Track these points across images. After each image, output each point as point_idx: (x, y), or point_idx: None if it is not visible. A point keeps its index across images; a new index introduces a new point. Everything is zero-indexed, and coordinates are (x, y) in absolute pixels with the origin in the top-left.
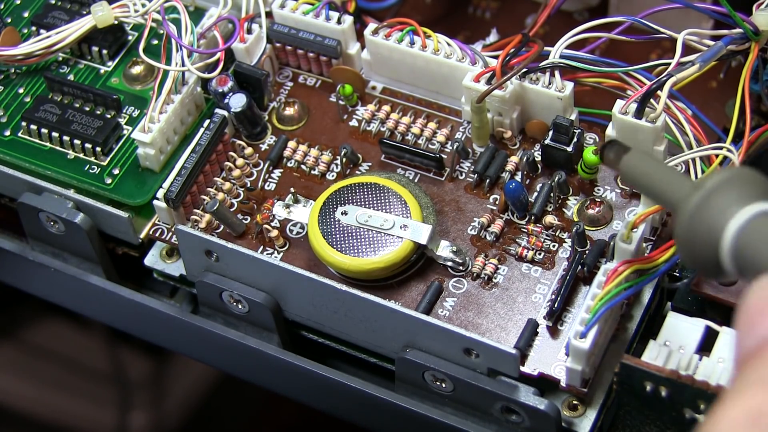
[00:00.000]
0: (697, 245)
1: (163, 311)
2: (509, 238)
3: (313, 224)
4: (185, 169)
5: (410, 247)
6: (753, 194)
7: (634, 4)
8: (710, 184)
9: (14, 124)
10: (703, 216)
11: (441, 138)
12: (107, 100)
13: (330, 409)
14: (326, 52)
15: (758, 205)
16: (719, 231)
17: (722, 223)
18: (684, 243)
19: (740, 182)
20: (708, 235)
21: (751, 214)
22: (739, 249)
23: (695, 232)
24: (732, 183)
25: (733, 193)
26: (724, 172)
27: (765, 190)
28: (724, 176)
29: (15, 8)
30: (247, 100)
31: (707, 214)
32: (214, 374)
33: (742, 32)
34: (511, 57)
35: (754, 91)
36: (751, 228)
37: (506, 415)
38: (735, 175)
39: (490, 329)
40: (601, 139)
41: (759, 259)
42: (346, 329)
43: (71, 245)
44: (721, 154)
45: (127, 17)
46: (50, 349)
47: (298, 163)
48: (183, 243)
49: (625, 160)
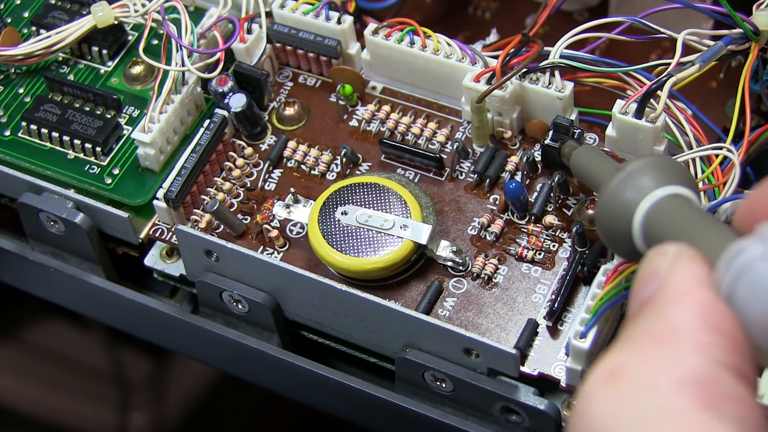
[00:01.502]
0: (614, 224)
1: (163, 311)
2: (509, 238)
3: (313, 224)
4: (185, 169)
5: (410, 247)
6: (667, 178)
7: (634, 4)
8: (630, 167)
9: (14, 124)
10: (620, 196)
11: (441, 138)
12: (107, 100)
13: (330, 409)
14: (326, 52)
15: (670, 188)
16: (631, 211)
17: (634, 204)
18: (602, 221)
19: (658, 167)
20: (623, 214)
21: (662, 195)
22: (648, 227)
23: (613, 211)
24: (650, 167)
25: (650, 176)
26: (645, 157)
27: (680, 176)
28: (645, 161)
29: (15, 8)
30: (247, 100)
31: (624, 195)
32: (214, 374)
33: (742, 32)
34: (511, 57)
35: (754, 91)
36: (659, 207)
37: (506, 415)
38: (654, 160)
39: (490, 329)
40: (601, 139)
41: (663, 235)
42: (346, 329)
43: (71, 245)
44: (721, 154)
45: (127, 17)
46: (50, 349)
47: (298, 163)
48: (183, 243)
49: (574, 153)
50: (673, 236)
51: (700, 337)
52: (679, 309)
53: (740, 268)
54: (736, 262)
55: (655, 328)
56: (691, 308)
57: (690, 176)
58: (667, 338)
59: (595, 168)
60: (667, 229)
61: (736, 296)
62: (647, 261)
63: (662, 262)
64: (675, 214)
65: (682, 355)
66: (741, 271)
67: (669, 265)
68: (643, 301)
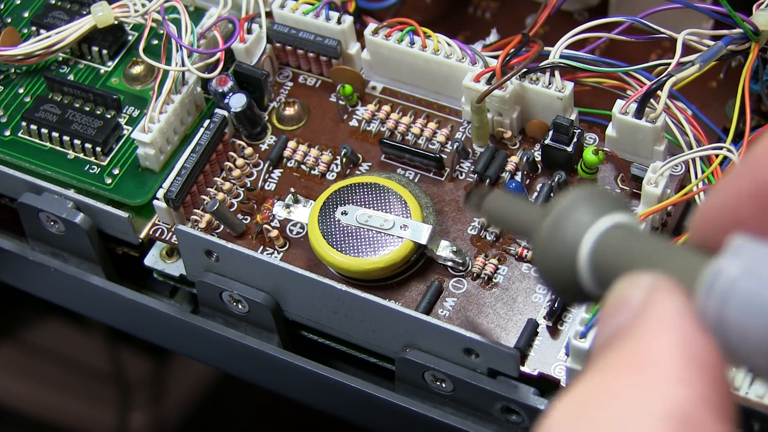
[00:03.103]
0: (556, 268)
1: (163, 311)
2: (509, 238)
3: (313, 224)
4: (185, 169)
5: (410, 247)
6: (602, 209)
7: (634, 4)
8: (558, 206)
9: (14, 124)
10: (556, 239)
11: (441, 138)
12: (107, 100)
13: (330, 409)
14: (326, 52)
15: (609, 218)
16: (574, 250)
17: (576, 241)
18: (543, 269)
19: (588, 199)
20: (564, 256)
21: (604, 227)
22: (597, 263)
23: (551, 257)
24: (580, 202)
25: (583, 211)
26: (571, 193)
27: (614, 203)
28: (571, 197)
29: (15, 8)
30: (247, 100)
31: (560, 236)
32: (214, 374)
33: (742, 32)
34: (511, 57)
35: (754, 91)
36: (605, 240)
37: (506, 415)
38: (583, 193)
39: (490, 329)
40: (601, 139)
41: (617, 268)
42: (346, 329)
43: (71, 245)
44: (721, 154)
45: (127, 17)
46: (50, 349)
47: (298, 163)
48: (183, 243)
49: (486, 202)
50: (631, 267)
51: (684, 370)
52: (659, 340)
53: (724, 291)
54: (717, 285)
55: (631, 358)
56: (674, 340)
57: (623, 201)
58: (645, 370)
59: (517, 213)
60: (621, 263)
61: (726, 321)
62: (616, 290)
63: (634, 292)
64: (625, 244)
65: (662, 389)
66: (726, 294)
67: (644, 295)
68: (614, 331)
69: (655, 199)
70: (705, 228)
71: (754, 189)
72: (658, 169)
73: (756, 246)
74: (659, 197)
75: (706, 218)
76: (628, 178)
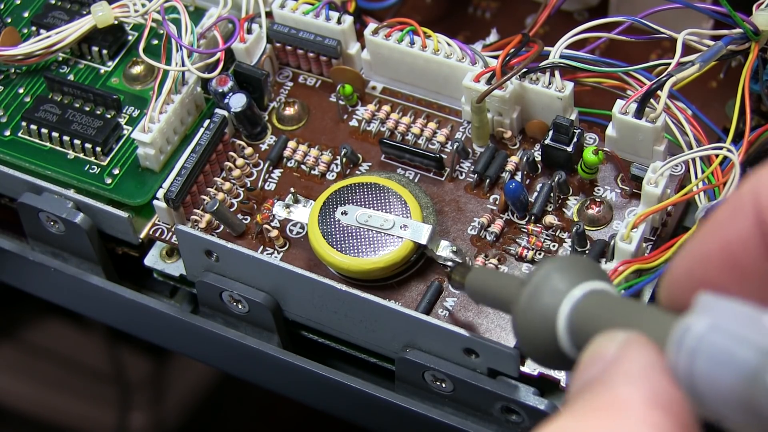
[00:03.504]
0: (536, 338)
1: (163, 311)
2: (509, 238)
3: (313, 224)
4: (185, 169)
5: (410, 247)
6: (578, 277)
7: (634, 4)
8: (535, 278)
9: (14, 124)
10: (534, 309)
11: (441, 138)
12: (107, 100)
13: (330, 409)
14: (326, 52)
15: (585, 285)
16: (553, 318)
17: (554, 309)
18: (524, 340)
19: (565, 269)
20: (543, 324)
21: (580, 294)
22: (575, 328)
23: (531, 327)
24: (557, 270)
25: (560, 279)
26: (548, 262)
27: (590, 270)
28: (548, 267)
29: (15, 8)
30: (247, 100)
31: (538, 305)
32: (214, 374)
33: (742, 32)
34: (511, 57)
35: (754, 91)
36: (581, 307)
37: (506, 415)
38: (559, 263)
39: (490, 329)
40: (601, 139)
41: (594, 330)
42: (346, 329)
43: (71, 245)
44: (721, 154)
45: (127, 17)
46: (50, 349)
47: (298, 163)
48: (183, 243)
49: (469, 278)
50: (606, 328)
51: (653, 416)
52: (628, 387)
53: (693, 346)
54: (686, 340)
55: (601, 401)
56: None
57: (599, 268)
58: (613, 411)
59: (497, 288)
60: (596, 325)
61: (696, 375)
62: (592, 346)
63: (609, 346)
64: (600, 309)
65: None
66: (694, 348)
67: (617, 348)
68: (588, 380)
69: (655, 199)
70: (674, 289)
71: (720, 249)
72: (658, 169)
73: (721, 302)
74: (659, 197)
75: (675, 280)
76: (628, 178)
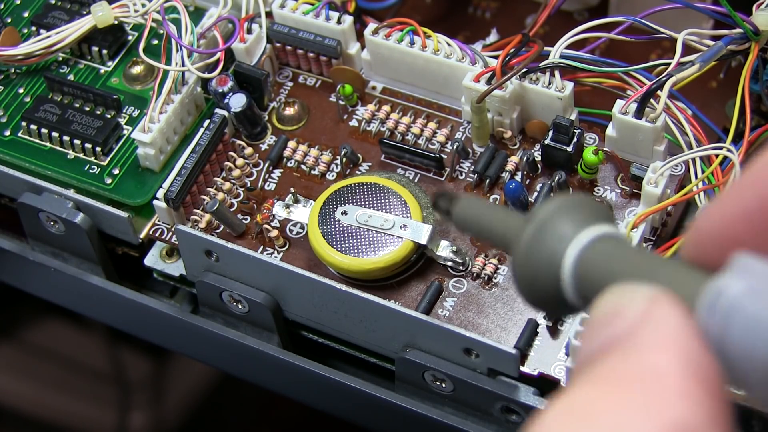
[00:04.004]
0: (537, 280)
1: (163, 311)
2: None
3: (313, 224)
4: (185, 169)
5: (410, 247)
6: (586, 219)
7: (634, 4)
8: (541, 214)
9: (14, 124)
10: (538, 248)
11: (441, 138)
12: (107, 100)
13: (330, 409)
14: (326, 52)
15: (594, 229)
16: (557, 261)
17: (560, 252)
18: (522, 280)
19: (572, 209)
20: (546, 267)
21: (588, 238)
22: (581, 276)
23: (532, 267)
24: (564, 211)
25: (567, 220)
26: (554, 201)
27: (598, 213)
28: (555, 205)
29: (15, 8)
30: (247, 100)
31: (542, 246)
32: (214, 374)
33: (742, 32)
34: (511, 57)
35: (754, 91)
36: (590, 252)
37: (506, 415)
38: (565, 203)
39: (490, 329)
40: (601, 139)
41: (602, 281)
42: (346, 329)
43: (71, 245)
44: (721, 154)
45: (127, 17)
46: (50, 349)
47: (298, 163)
48: (183, 243)
49: (457, 208)
50: (621, 279)
51: (687, 385)
52: (661, 354)
53: (727, 311)
54: (720, 304)
55: (631, 368)
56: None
57: (606, 211)
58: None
59: (493, 222)
60: (608, 275)
61: (729, 341)
62: (608, 300)
63: (630, 303)
64: (612, 257)
65: (664, 403)
66: (729, 314)
67: (643, 307)
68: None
69: (655, 199)
70: (701, 243)
71: (757, 206)
72: (658, 169)
73: (760, 265)
74: (659, 197)
75: (703, 233)
76: (628, 178)
